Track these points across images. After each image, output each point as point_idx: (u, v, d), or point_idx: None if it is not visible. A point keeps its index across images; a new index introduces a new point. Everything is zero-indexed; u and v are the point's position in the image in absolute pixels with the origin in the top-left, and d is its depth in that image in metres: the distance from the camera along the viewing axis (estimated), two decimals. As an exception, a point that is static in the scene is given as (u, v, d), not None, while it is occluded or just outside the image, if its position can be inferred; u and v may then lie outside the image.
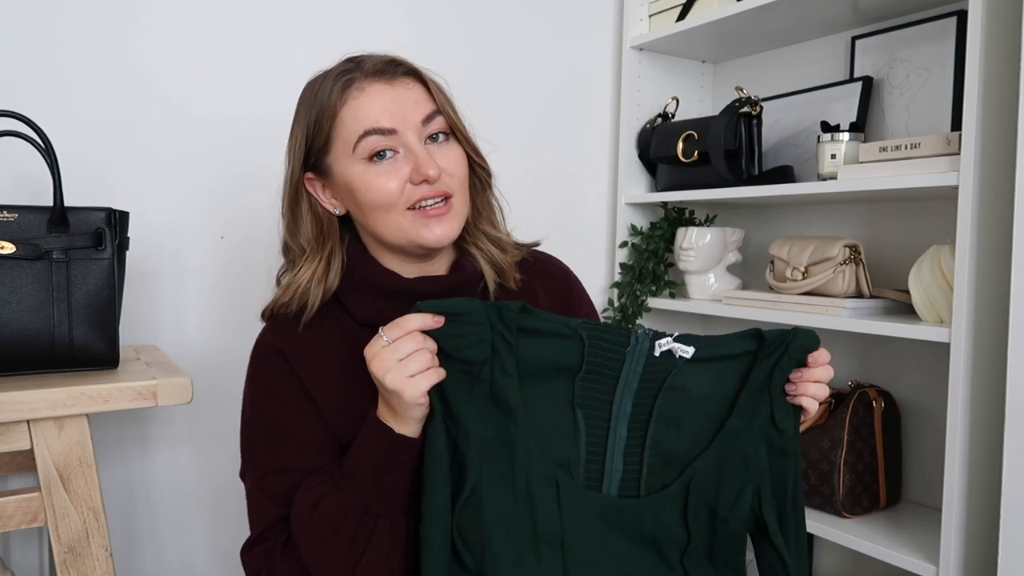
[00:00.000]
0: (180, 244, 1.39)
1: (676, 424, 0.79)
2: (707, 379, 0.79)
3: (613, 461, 0.79)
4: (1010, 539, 1.14)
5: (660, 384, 0.79)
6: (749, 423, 0.79)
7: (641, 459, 0.79)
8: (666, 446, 0.79)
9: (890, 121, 1.52)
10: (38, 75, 1.26)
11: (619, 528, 0.79)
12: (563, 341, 0.78)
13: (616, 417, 0.79)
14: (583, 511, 0.78)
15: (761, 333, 0.80)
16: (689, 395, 0.79)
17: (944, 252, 1.28)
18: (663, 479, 0.79)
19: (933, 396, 1.46)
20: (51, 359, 0.96)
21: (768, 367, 0.79)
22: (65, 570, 0.93)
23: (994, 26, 1.18)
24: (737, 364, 0.80)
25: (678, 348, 0.78)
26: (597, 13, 1.84)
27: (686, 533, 0.79)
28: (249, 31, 1.43)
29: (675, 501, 0.79)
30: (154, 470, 1.39)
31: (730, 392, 0.80)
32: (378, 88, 0.86)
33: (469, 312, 0.76)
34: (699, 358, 0.79)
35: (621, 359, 0.78)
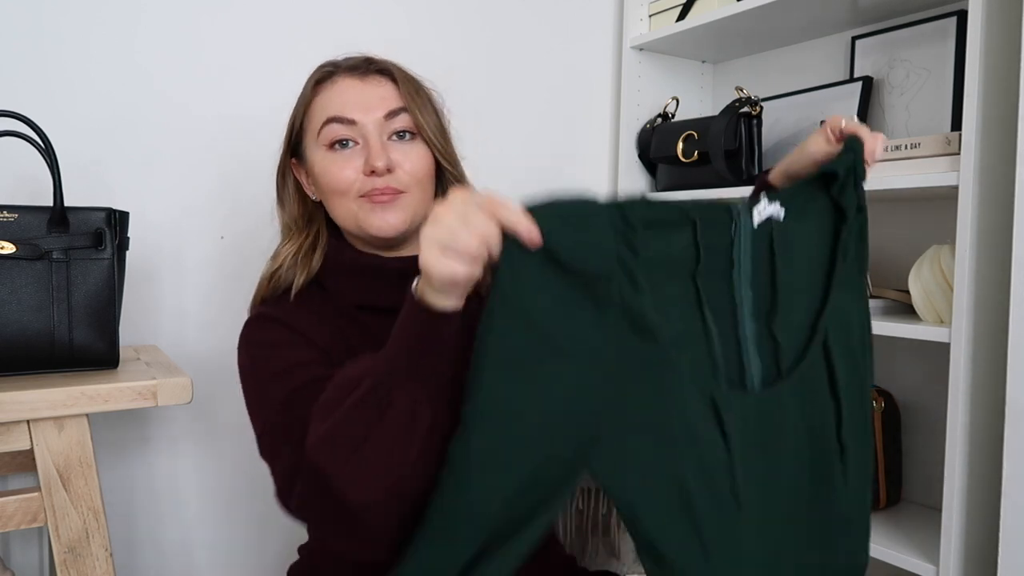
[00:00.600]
0: (180, 244, 1.39)
1: (793, 292, 0.72)
2: (804, 233, 0.73)
3: (750, 357, 0.72)
4: (1010, 539, 1.14)
5: (768, 256, 0.72)
6: (848, 261, 0.74)
7: (775, 342, 0.72)
8: (792, 317, 0.72)
9: (890, 121, 1.52)
10: (38, 75, 1.26)
11: (777, 419, 0.71)
12: (675, 232, 0.68)
13: (741, 307, 0.71)
14: (743, 417, 0.69)
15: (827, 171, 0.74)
16: (794, 257, 0.73)
17: (944, 252, 1.28)
18: (798, 351, 0.72)
19: (933, 396, 1.46)
20: (51, 359, 0.96)
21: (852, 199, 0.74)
22: (65, 570, 0.93)
23: (994, 26, 1.18)
24: (822, 205, 0.75)
25: (774, 210, 0.71)
26: (597, 13, 1.84)
27: (835, 403, 0.73)
28: (249, 31, 1.43)
29: (818, 367, 0.73)
30: (154, 470, 1.39)
31: (828, 235, 0.74)
32: (349, 82, 0.91)
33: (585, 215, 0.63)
34: (788, 213, 0.72)
35: (729, 241, 0.70)
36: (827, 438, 0.73)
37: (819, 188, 0.75)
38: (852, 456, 0.74)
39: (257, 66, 1.43)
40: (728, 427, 0.68)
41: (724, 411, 0.67)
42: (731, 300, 0.71)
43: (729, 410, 0.68)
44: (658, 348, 0.65)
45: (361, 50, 0.97)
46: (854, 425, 0.74)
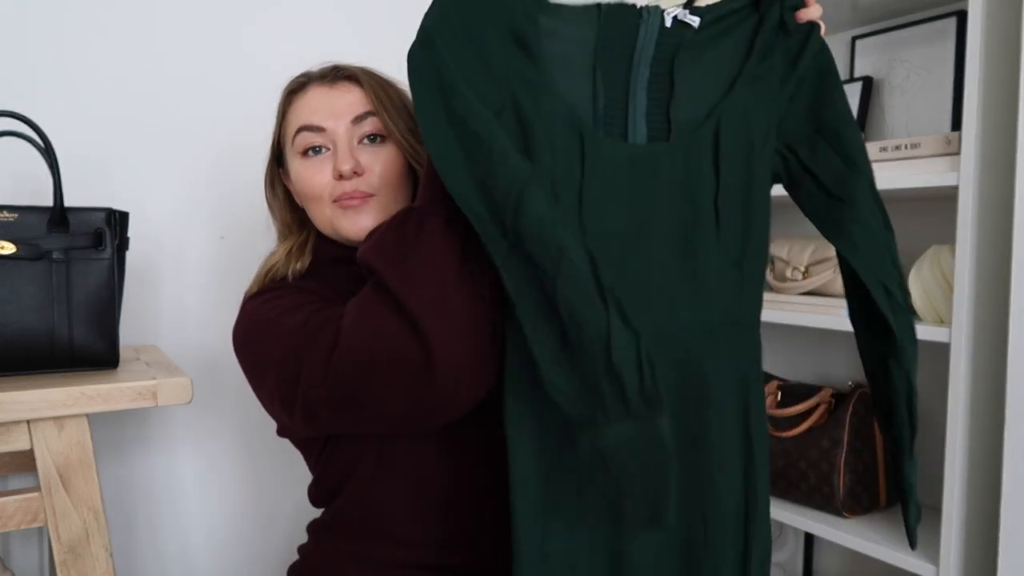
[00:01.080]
0: (180, 244, 1.39)
1: (694, 89, 0.78)
2: (719, 40, 0.79)
3: (636, 125, 0.77)
4: (1010, 539, 1.14)
5: (673, 55, 0.78)
6: (763, 62, 0.79)
7: (667, 119, 0.77)
8: (689, 104, 0.78)
9: (890, 121, 1.52)
10: (38, 75, 1.26)
11: (646, 177, 0.76)
12: (583, 15, 0.76)
13: (635, 83, 0.77)
14: (607, 160, 0.74)
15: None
16: (706, 56, 0.79)
17: (944, 252, 1.28)
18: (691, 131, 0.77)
19: (933, 396, 1.46)
20: (51, 359, 0.96)
21: (775, 15, 0.79)
22: (65, 570, 0.93)
23: (994, 26, 1.18)
24: (744, 23, 0.80)
25: (688, 17, 0.78)
26: (597, 13, 1.84)
27: (715, 175, 0.77)
28: (249, 32, 1.43)
29: (705, 143, 0.77)
30: (154, 470, 1.39)
31: (743, 44, 0.80)
32: (319, 90, 0.94)
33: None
34: (706, 23, 0.78)
35: (635, 31, 0.77)
36: (703, 203, 0.77)
37: (748, 11, 0.81)
38: (727, 226, 0.78)
39: (257, 67, 1.43)
40: (588, 166, 0.73)
41: (589, 148, 0.73)
42: (627, 74, 0.77)
43: (596, 149, 0.73)
44: (538, 68, 0.73)
45: (354, 52, 0.98)
46: (733, 199, 0.78)
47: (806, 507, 1.44)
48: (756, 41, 0.80)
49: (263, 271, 0.97)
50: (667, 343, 0.76)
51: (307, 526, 1.05)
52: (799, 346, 1.69)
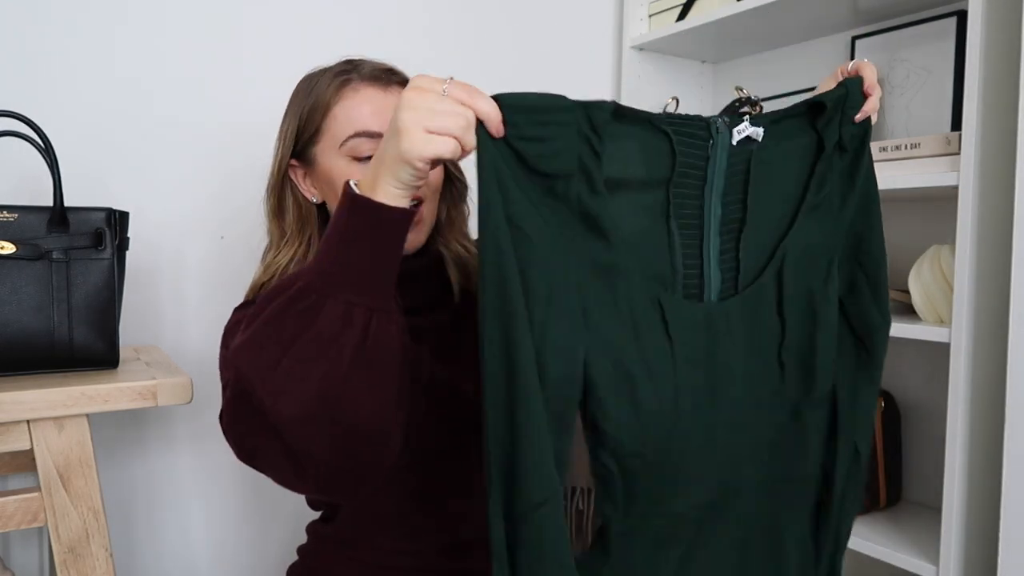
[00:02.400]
0: (180, 244, 1.39)
1: (762, 214, 0.73)
2: (781, 159, 0.74)
3: (711, 271, 0.72)
4: (1010, 539, 1.14)
5: (743, 175, 0.72)
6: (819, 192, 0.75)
7: (737, 261, 0.73)
8: (757, 239, 0.73)
9: (890, 121, 1.52)
10: (38, 75, 1.26)
11: (723, 334, 0.71)
12: (650, 141, 0.68)
13: (709, 222, 0.71)
14: (688, 324, 0.69)
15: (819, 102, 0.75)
16: (770, 180, 0.73)
17: (944, 252, 1.28)
18: (757, 271, 0.73)
19: (933, 396, 1.46)
20: (51, 359, 0.96)
21: (834, 133, 0.75)
22: (65, 570, 0.93)
23: (994, 26, 1.18)
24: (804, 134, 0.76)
25: (753, 131, 0.72)
26: (597, 13, 1.84)
27: (780, 324, 0.74)
28: (248, 32, 1.43)
29: (769, 289, 0.73)
30: (154, 470, 1.39)
31: (805, 167, 0.75)
32: (372, 92, 0.90)
33: (553, 108, 0.61)
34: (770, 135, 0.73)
35: (705, 156, 0.70)
36: (769, 357, 0.74)
37: (806, 121, 0.76)
38: (791, 377, 0.75)
39: (258, 67, 1.43)
40: (673, 332, 0.67)
41: (670, 316, 0.67)
42: (700, 214, 0.71)
43: (677, 317, 0.68)
44: (610, 249, 0.65)
45: (359, 53, 0.97)
46: (797, 348, 0.75)
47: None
48: (817, 167, 0.75)
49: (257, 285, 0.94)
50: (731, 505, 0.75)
51: (307, 526, 1.05)
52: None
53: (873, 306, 0.80)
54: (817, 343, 0.75)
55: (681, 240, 0.71)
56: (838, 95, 0.75)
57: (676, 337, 0.68)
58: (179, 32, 1.36)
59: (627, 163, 0.67)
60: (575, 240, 0.64)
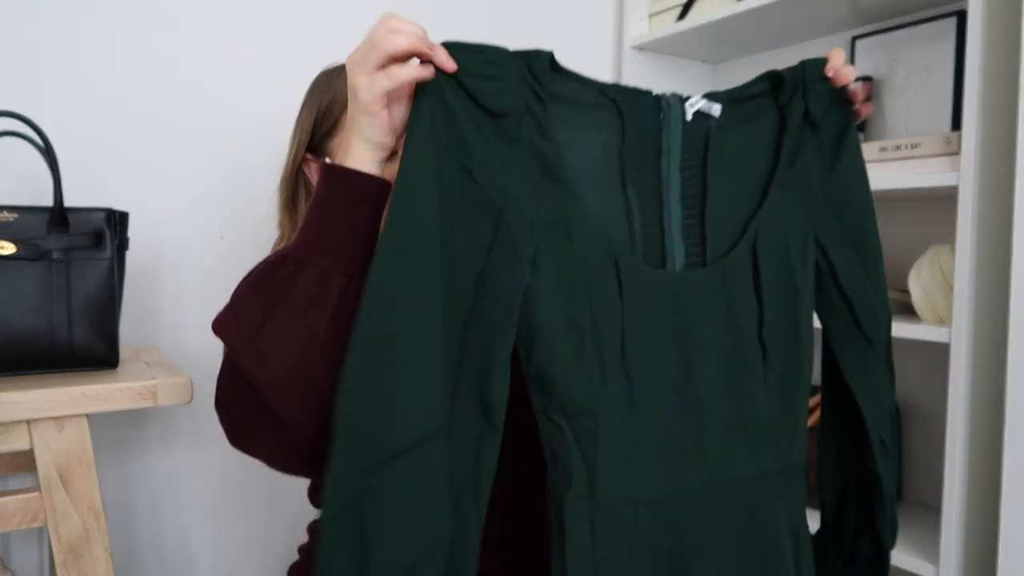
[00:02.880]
0: (180, 244, 1.39)
1: (726, 188, 0.72)
2: (744, 134, 0.74)
3: (672, 240, 0.71)
4: (1010, 539, 1.14)
5: (702, 150, 0.72)
6: (793, 166, 0.74)
7: (703, 234, 0.72)
8: (723, 214, 0.72)
9: (890, 121, 1.52)
10: (38, 75, 1.26)
11: (689, 305, 0.69)
12: (601, 110, 0.68)
13: (667, 193, 0.71)
14: (648, 291, 0.67)
15: (775, 74, 0.76)
16: (733, 154, 0.73)
17: (944, 252, 1.28)
18: (726, 247, 0.72)
19: (933, 396, 1.46)
20: (51, 359, 0.96)
21: (799, 108, 0.75)
22: (65, 570, 0.93)
23: (994, 26, 1.18)
24: (766, 110, 0.76)
25: (708, 106, 0.72)
26: (597, 13, 1.84)
27: (758, 302, 0.72)
28: (248, 32, 1.43)
29: (744, 265, 0.71)
30: (154, 470, 1.39)
31: (769, 140, 0.75)
32: None
33: (495, 52, 0.63)
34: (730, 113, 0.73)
35: (658, 128, 0.70)
36: (748, 337, 0.71)
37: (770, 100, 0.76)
38: (775, 358, 0.72)
39: (258, 67, 1.43)
40: (627, 293, 0.66)
41: (625, 278, 0.66)
42: (658, 184, 0.71)
43: (635, 279, 0.67)
44: (566, 199, 0.64)
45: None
46: (779, 328, 0.72)
47: (806, 507, 1.44)
48: (784, 141, 0.74)
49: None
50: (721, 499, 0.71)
51: (308, 526, 1.05)
52: (799, 346, 1.69)
53: (875, 298, 0.78)
54: (800, 321, 0.73)
55: (639, 208, 0.70)
56: (795, 70, 0.76)
57: (631, 299, 0.66)
58: (178, 32, 1.36)
59: (575, 127, 0.67)
60: (532, 181, 0.64)
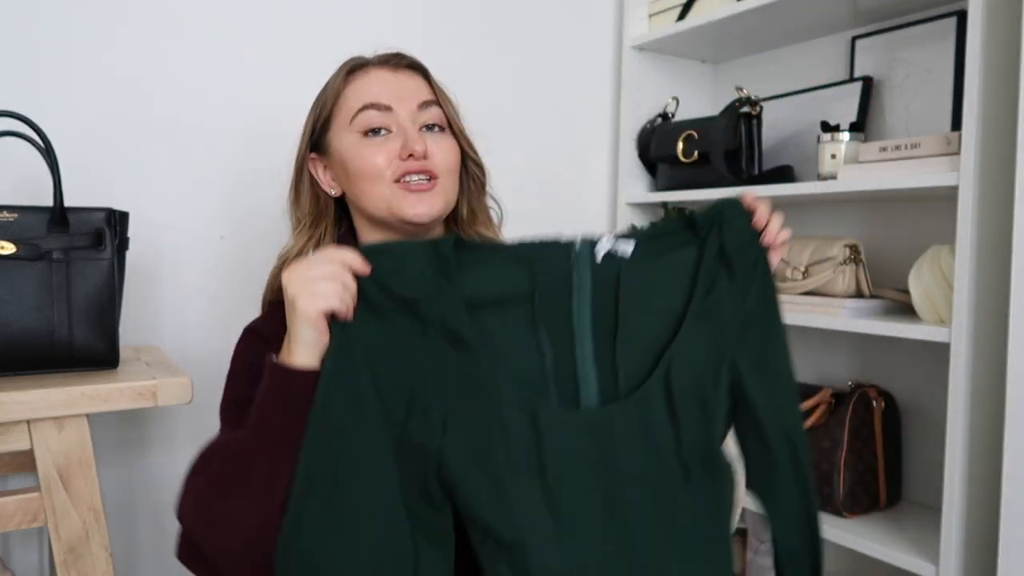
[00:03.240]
0: (180, 244, 1.39)
1: (640, 320, 0.77)
2: (657, 270, 0.79)
3: (586, 375, 0.77)
4: (1010, 539, 1.14)
5: (614, 287, 0.77)
6: (707, 298, 0.78)
7: (615, 365, 0.77)
8: (634, 346, 0.77)
9: (890, 121, 1.52)
10: (38, 75, 1.26)
11: (607, 439, 0.75)
12: (509, 267, 0.76)
13: (579, 328, 0.77)
14: (563, 431, 0.74)
15: (688, 215, 0.80)
16: (644, 291, 0.78)
17: (944, 252, 1.28)
18: (640, 378, 0.77)
19: (933, 396, 1.46)
20: (51, 359, 0.96)
21: (714, 243, 0.79)
22: (65, 570, 0.93)
23: (994, 26, 1.18)
24: (682, 248, 0.79)
25: (618, 247, 0.77)
26: (597, 13, 1.84)
27: (674, 428, 0.76)
28: (248, 32, 1.43)
29: (658, 394, 0.76)
30: (154, 470, 1.39)
31: (683, 276, 0.79)
32: (382, 73, 0.93)
33: (403, 249, 0.74)
34: (643, 250, 0.78)
35: (568, 270, 0.77)
36: (668, 461, 0.76)
37: (688, 236, 0.80)
38: (697, 478, 0.77)
39: (257, 68, 1.43)
40: (545, 436, 0.73)
41: (543, 424, 0.73)
42: (569, 322, 0.77)
43: (551, 421, 0.73)
44: (476, 361, 0.73)
45: (361, 52, 0.97)
46: (696, 450, 0.77)
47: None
48: (699, 275, 0.79)
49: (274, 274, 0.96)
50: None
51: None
52: (799, 346, 1.68)
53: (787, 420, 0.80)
54: (715, 444, 0.78)
55: (551, 347, 0.76)
56: (712, 211, 0.80)
57: (548, 440, 0.73)
58: (178, 32, 1.36)
59: (486, 285, 0.75)
60: (443, 356, 0.73)
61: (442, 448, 0.72)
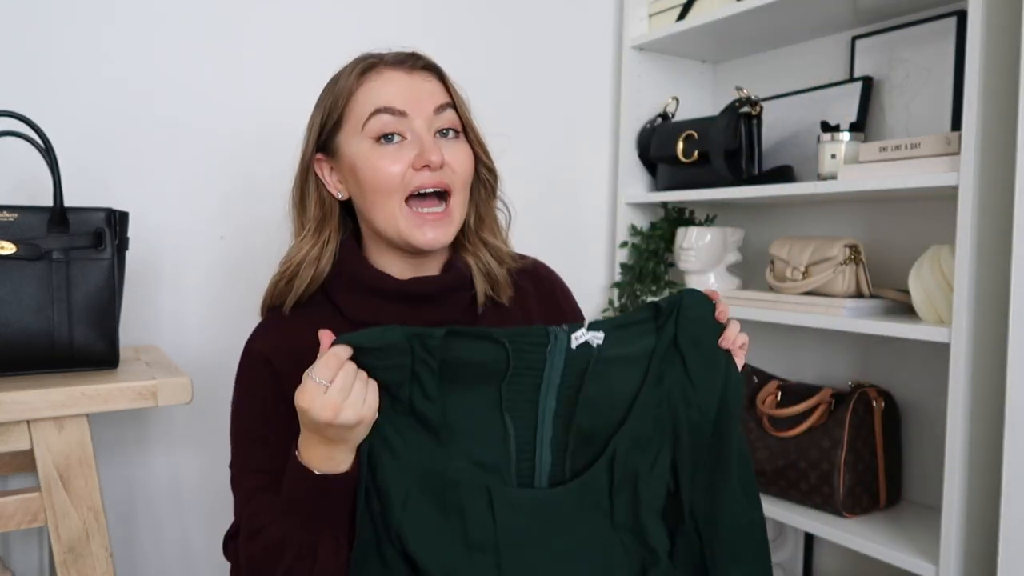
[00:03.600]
0: (180, 244, 1.39)
1: (596, 407, 0.81)
2: (619, 359, 0.82)
3: (542, 455, 0.81)
4: (1010, 539, 1.14)
5: (583, 374, 0.81)
6: (657, 387, 0.83)
7: (566, 447, 0.81)
8: (587, 429, 0.82)
9: (890, 121, 1.52)
10: (38, 75, 1.26)
11: (553, 516, 0.80)
12: (488, 347, 0.79)
13: (543, 414, 0.81)
14: (517, 510, 0.79)
15: (656, 304, 0.84)
16: (608, 377, 0.81)
17: (944, 252, 1.28)
18: (586, 459, 0.82)
19: (933, 396, 1.46)
20: (51, 359, 0.96)
21: (670, 332, 0.83)
22: (65, 570, 0.93)
23: (994, 26, 1.18)
24: (644, 337, 0.83)
25: (591, 337, 0.80)
26: (597, 13, 1.84)
27: (610, 506, 0.82)
28: (248, 33, 1.43)
29: (600, 479, 0.81)
30: (154, 470, 1.39)
31: (642, 364, 0.83)
32: (396, 75, 0.88)
33: (388, 347, 0.75)
34: (611, 340, 0.81)
35: (543, 358, 0.80)
36: (604, 533, 0.82)
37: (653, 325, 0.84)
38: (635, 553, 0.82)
39: (259, 68, 1.43)
40: (499, 517, 0.78)
41: (497, 503, 0.78)
42: (534, 408, 0.81)
43: (505, 503, 0.79)
44: (441, 444, 0.78)
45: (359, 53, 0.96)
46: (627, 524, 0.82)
47: (806, 507, 1.45)
48: (652, 361, 0.83)
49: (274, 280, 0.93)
50: None
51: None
52: (799, 346, 1.69)
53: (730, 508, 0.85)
54: (642, 519, 0.83)
55: (515, 431, 0.80)
56: (673, 298, 0.84)
57: (502, 518, 0.78)
58: (178, 32, 1.36)
59: (465, 366, 0.78)
60: (412, 438, 0.78)
61: (400, 525, 0.76)
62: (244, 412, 0.91)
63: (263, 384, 0.89)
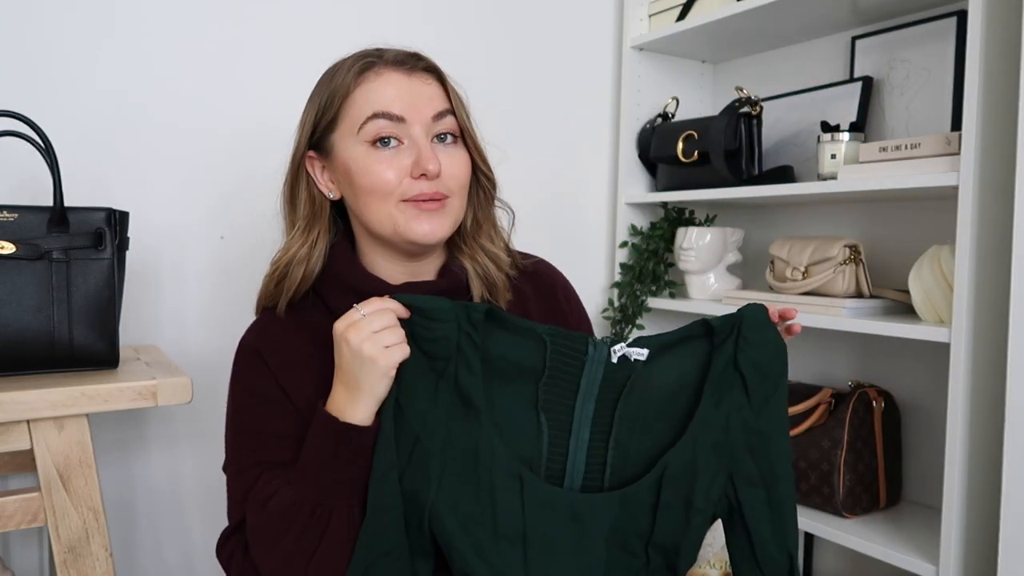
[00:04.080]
0: (180, 244, 1.39)
1: (639, 424, 0.82)
2: (668, 375, 0.82)
3: (575, 462, 0.81)
4: (1010, 539, 1.14)
5: (621, 388, 0.81)
6: (717, 410, 0.81)
7: (605, 459, 0.82)
8: (630, 446, 0.81)
9: (890, 121, 1.52)
10: (38, 75, 1.26)
11: (586, 521, 0.80)
12: (528, 343, 0.81)
13: (579, 420, 0.81)
14: (548, 506, 0.79)
15: (707, 322, 0.82)
16: (651, 394, 0.81)
17: (944, 252, 1.28)
18: (630, 474, 0.81)
19: (933, 396, 1.46)
20: (51, 359, 0.96)
21: (729, 351, 0.81)
22: (65, 570, 0.93)
23: (994, 26, 1.18)
24: (695, 356, 0.82)
25: (633, 352, 0.80)
26: (597, 13, 1.84)
27: (651, 524, 0.80)
28: (249, 32, 1.43)
29: (647, 494, 0.80)
30: (154, 470, 1.39)
31: (694, 383, 0.82)
32: (395, 76, 0.86)
33: (438, 309, 0.78)
34: (656, 357, 0.81)
35: (581, 365, 0.81)
36: (636, 548, 0.81)
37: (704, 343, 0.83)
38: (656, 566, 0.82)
39: (257, 68, 1.43)
40: (528, 511, 0.78)
41: (528, 494, 0.79)
42: (570, 413, 0.81)
43: (535, 494, 0.79)
44: (479, 424, 0.78)
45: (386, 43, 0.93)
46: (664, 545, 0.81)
47: (806, 507, 1.45)
48: (707, 383, 0.81)
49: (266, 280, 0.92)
50: None
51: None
52: (799, 346, 1.69)
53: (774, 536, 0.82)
54: (682, 547, 0.81)
55: (549, 430, 0.81)
56: (732, 318, 0.82)
57: (531, 511, 0.78)
58: (178, 33, 1.36)
59: (504, 358, 0.80)
60: (452, 411, 0.79)
61: (435, 502, 0.77)
62: (244, 408, 0.90)
63: (260, 378, 0.88)
